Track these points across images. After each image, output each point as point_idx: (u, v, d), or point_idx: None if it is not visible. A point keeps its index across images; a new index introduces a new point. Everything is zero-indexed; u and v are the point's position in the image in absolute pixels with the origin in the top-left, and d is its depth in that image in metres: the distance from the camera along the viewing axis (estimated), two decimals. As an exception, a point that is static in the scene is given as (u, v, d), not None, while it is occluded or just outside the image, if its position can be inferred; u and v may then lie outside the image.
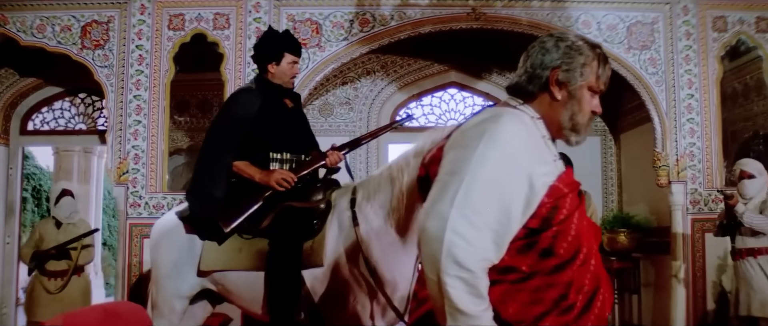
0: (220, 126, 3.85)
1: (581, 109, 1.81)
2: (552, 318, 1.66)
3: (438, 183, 1.68)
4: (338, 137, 6.78)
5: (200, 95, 7.48)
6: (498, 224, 1.61)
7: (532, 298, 1.66)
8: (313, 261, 3.48)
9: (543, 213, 1.67)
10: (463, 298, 1.55)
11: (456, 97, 7.85)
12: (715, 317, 5.88)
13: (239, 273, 3.63)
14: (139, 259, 5.65)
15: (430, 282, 1.60)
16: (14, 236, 7.12)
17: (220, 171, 3.72)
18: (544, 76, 1.80)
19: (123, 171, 5.73)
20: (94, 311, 2.32)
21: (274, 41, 3.92)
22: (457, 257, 1.55)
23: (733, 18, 6.20)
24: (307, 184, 3.71)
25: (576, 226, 1.71)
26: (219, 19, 5.86)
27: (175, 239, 3.78)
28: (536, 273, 1.67)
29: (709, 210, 6.00)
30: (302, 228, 3.52)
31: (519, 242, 1.66)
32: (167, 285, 3.75)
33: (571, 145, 1.86)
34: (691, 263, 5.97)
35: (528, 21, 5.97)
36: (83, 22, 5.86)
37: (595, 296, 1.72)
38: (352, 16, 5.91)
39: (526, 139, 1.72)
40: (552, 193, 1.68)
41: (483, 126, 1.70)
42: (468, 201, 1.59)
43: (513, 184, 1.64)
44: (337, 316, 3.54)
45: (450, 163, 1.70)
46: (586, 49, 1.82)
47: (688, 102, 6.08)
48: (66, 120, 7.45)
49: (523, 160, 1.66)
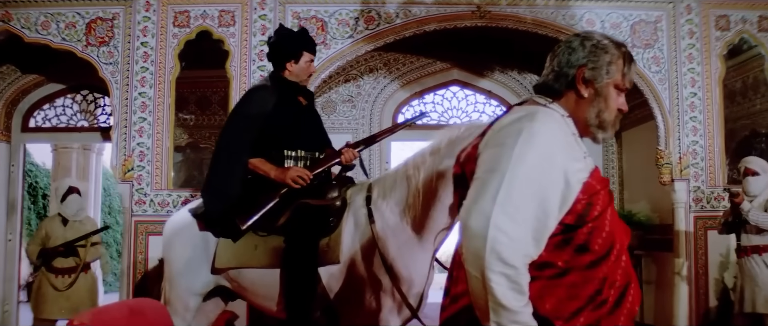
0: (235, 123, 3.85)
1: (607, 107, 1.84)
2: (587, 314, 1.69)
3: (477, 181, 1.70)
4: (341, 134, 6.80)
5: (199, 92, 7.46)
6: (537, 220, 1.63)
7: (569, 294, 1.68)
8: (329, 258, 3.50)
9: (578, 209, 1.70)
10: (506, 294, 1.57)
11: (458, 95, 7.88)
12: (717, 314, 5.93)
13: (255, 271, 3.63)
14: (145, 256, 5.64)
15: (473, 280, 1.61)
16: (16, 233, 7.09)
17: (236, 168, 3.73)
18: (571, 74, 1.83)
19: (128, 168, 5.71)
20: (119, 309, 2.32)
21: (293, 40, 3.92)
22: (501, 253, 1.57)
23: (736, 17, 6.24)
24: (322, 182, 3.73)
25: (610, 223, 1.74)
26: (224, 16, 5.85)
27: (188, 236, 3.78)
28: (572, 268, 1.69)
29: (711, 208, 6.04)
30: (318, 225, 3.53)
31: (555, 238, 1.68)
32: (180, 283, 3.76)
33: (597, 142, 1.90)
34: (693, 260, 6.01)
35: (532, 19, 5.99)
36: (88, 18, 5.84)
37: (626, 291, 1.75)
38: (357, 14, 5.92)
39: (560, 136, 1.75)
40: (586, 190, 1.71)
41: (519, 124, 1.72)
42: (509, 198, 1.61)
43: (550, 181, 1.66)
44: (353, 313, 3.56)
45: (488, 161, 1.71)
46: (611, 47, 1.85)
47: (691, 100, 6.11)
48: (68, 117, 7.43)
49: (558, 158, 1.69)
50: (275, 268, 3.56)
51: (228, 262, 3.67)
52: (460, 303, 1.77)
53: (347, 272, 3.50)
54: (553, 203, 1.66)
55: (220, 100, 7.25)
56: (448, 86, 7.86)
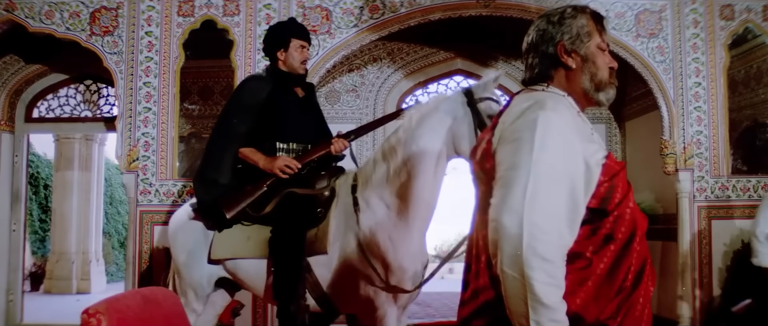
0: (227, 114, 3.88)
1: (598, 67, 1.84)
2: (612, 304, 1.70)
3: (501, 180, 1.68)
4: (345, 124, 6.75)
5: (201, 82, 7.46)
6: (568, 209, 1.63)
7: (597, 287, 1.68)
8: (318, 248, 3.52)
9: (601, 192, 1.69)
10: (547, 291, 1.56)
11: (462, 85, 7.86)
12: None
13: (249, 261, 3.67)
14: (150, 246, 5.65)
15: (511, 280, 1.59)
16: (20, 223, 7.10)
17: (226, 158, 3.77)
18: (552, 52, 1.84)
19: (133, 158, 5.71)
20: (133, 297, 2.32)
21: (280, 29, 4.00)
22: (538, 249, 1.56)
23: (740, 6, 6.23)
24: (311, 172, 3.73)
25: (631, 210, 1.74)
26: (229, 6, 5.83)
27: (190, 230, 3.82)
28: (600, 259, 1.69)
29: (715, 198, 6.07)
30: (306, 215, 3.55)
31: (583, 227, 1.68)
32: (186, 275, 3.80)
33: (602, 104, 1.89)
34: (697, 250, 6.03)
35: (537, 8, 5.97)
36: (92, 8, 5.82)
37: (643, 272, 1.75)
38: (362, 3, 5.90)
39: (571, 119, 1.75)
40: (606, 171, 1.71)
41: (532, 114, 1.70)
42: (538, 192, 1.60)
43: (573, 167, 1.66)
44: (349, 301, 3.58)
45: (507, 157, 1.69)
46: (576, 13, 1.86)
47: (696, 90, 6.12)
48: (71, 107, 7.42)
49: (576, 142, 1.69)
50: (266, 258, 3.60)
51: (223, 253, 3.71)
52: (482, 297, 1.75)
53: (339, 261, 3.52)
54: (579, 188, 1.65)
55: (224, 90, 7.25)
56: (452, 76, 7.86)
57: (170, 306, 2.43)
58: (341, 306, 3.65)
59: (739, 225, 5.99)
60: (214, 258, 3.72)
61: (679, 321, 5.93)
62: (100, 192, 12.25)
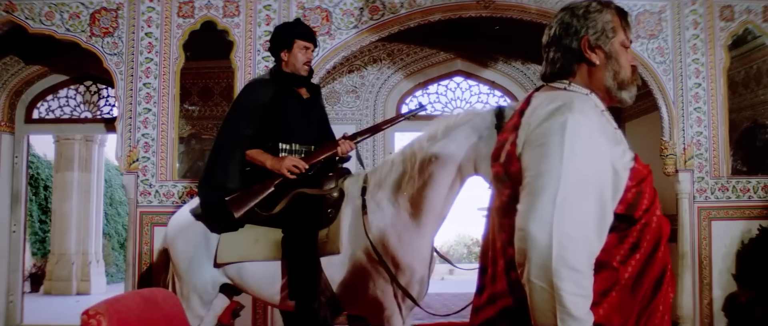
0: (232, 116, 3.87)
1: (621, 66, 1.79)
2: (634, 313, 1.66)
3: (529, 186, 1.62)
4: (345, 125, 6.81)
5: (201, 83, 7.47)
6: (597, 216, 1.58)
7: (620, 295, 1.64)
8: (329, 249, 3.51)
9: (628, 198, 1.64)
10: (576, 302, 1.52)
11: (462, 86, 7.89)
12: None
13: (257, 264, 3.64)
14: (150, 247, 5.65)
15: (538, 290, 1.54)
16: (20, 224, 7.10)
17: (233, 162, 3.75)
18: (576, 47, 1.78)
19: (133, 159, 5.71)
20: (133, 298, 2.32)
21: (284, 29, 3.99)
22: (568, 259, 1.52)
23: (740, 7, 6.23)
24: (318, 173, 3.73)
25: (657, 219, 1.69)
26: (229, 6, 5.84)
27: (191, 235, 3.78)
28: (625, 268, 1.65)
29: (715, 199, 6.06)
30: (316, 215, 3.54)
31: (610, 235, 1.62)
32: (187, 280, 3.77)
33: (625, 103, 1.83)
34: (697, 251, 6.03)
35: (537, 9, 5.97)
36: (92, 9, 5.82)
37: (663, 277, 1.71)
38: (362, 4, 5.90)
39: (598, 122, 1.68)
40: (634, 176, 1.66)
41: (560, 117, 1.63)
42: (567, 199, 1.55)
43: (602, 172, 1.60)
44: (357, 303, 3.58)
45: (535, 163, 1.63)
46: (602, 7, 1.80)
47: (696, 91, 6.11)
48: (71, 108, 7.43)
49: (603, 145, 1.63)
50: (277, 260, 3.58)
51: (230, 257, 3.67)
52: (500, 303, 1.70)
53: (349, 262, 3.52)
54: (607, 194, 1.60)
55: (223, 91, 7.26)
56: (452, 77, 7.87)
57: (170, 307, 2.43)
58: (348, 307, 3.65)
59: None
60: (221, 261, 3.69)
61: (680, 322, 5.92)
62: (100, 194, 12.25)
